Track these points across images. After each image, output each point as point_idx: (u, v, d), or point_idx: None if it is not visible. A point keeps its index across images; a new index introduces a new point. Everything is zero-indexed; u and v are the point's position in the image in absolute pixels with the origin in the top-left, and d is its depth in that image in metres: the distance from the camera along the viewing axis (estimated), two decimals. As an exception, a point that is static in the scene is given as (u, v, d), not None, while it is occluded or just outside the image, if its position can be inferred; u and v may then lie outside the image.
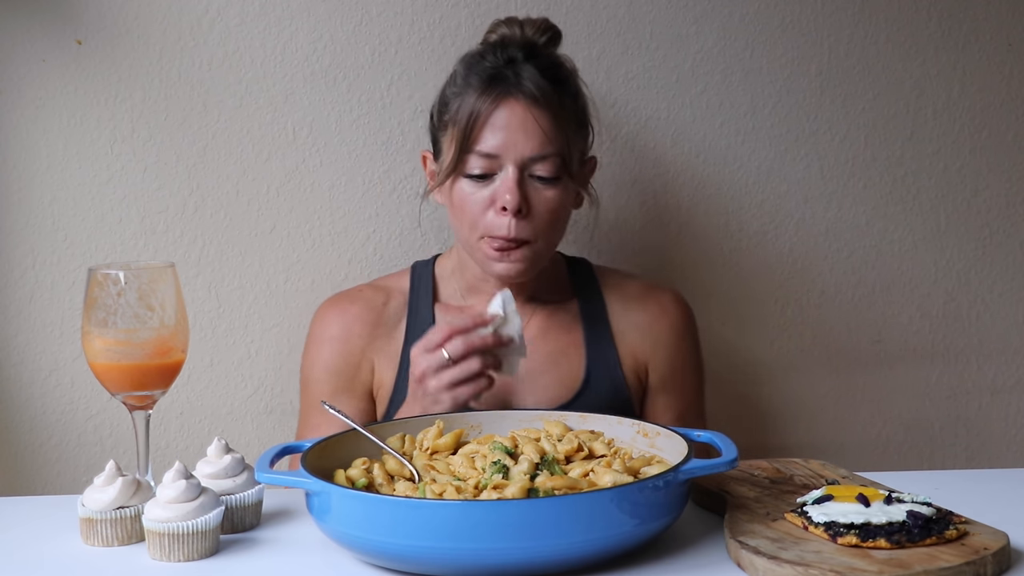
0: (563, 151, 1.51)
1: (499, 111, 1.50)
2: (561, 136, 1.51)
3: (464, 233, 1.54)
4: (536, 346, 1.59)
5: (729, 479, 1.29)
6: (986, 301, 1.98)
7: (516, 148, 1.49)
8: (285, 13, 1.79)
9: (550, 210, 1.52)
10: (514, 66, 1.53)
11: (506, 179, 1.49)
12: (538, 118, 1.50)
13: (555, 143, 1.50)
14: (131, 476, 1.20)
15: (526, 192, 1.50)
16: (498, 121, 1.50)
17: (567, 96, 1.55)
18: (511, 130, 1.49)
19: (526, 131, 1.49)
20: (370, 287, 1.67)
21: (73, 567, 1.14)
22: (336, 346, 1.62)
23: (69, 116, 1.76)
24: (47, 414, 1.79)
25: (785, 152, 1.92)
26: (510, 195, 1.49)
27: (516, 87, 1.51)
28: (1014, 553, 1.09)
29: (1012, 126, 1.96)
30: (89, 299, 1.23)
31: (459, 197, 1.53)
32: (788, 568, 1.02)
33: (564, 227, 1.58)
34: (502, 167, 1.50)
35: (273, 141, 1.81)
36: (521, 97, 1.50)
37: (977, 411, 2.00)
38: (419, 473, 1.22)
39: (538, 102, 1.50)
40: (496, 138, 1.50)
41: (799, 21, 1.90)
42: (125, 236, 1.79)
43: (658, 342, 1.63)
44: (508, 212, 1.49)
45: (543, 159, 1.50)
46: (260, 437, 1.82)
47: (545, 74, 1.53)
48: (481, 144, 1.50)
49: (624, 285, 1.67)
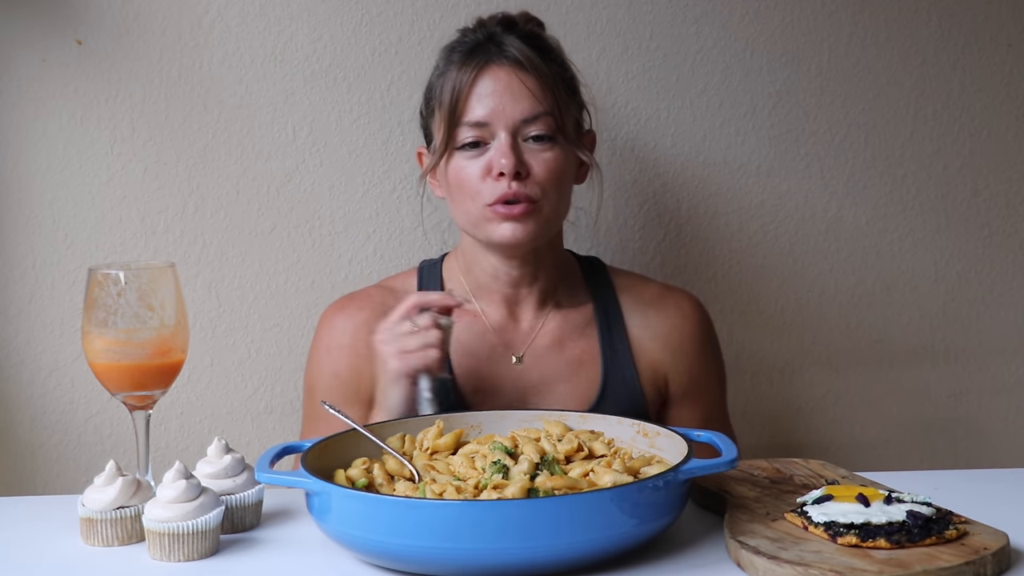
0: (554, 111, 1.49)
1: (483, 79, 1.49)
2: (550, 97, 1.49)
3: (467, 210, 1.51)
4: (551, 354, 1.57)
5: (729, 479, 1.29)
6: (986, 301, 1.98)
7: (505, 112, 1.47)
8: (285, 13, 1.79)
9: (550, 171, 1.48)
10: (494, 38, 1.52)
11: (499, 145, 1.47)
12: (524, 80, 1.48)
13: (545, 103, 1.48)
14: (131, 476, 1.20)
15: (522, 155, 1.48)
16: (484, 89, 1.48)
17: (552, 62, 1.53)
18: (498, 95, 1.48)
19: (513, 94, 1.48)
20: (377, 289, 1.64)
21: (73, 567, 1.14)
22: (344, 354, 1.58)
23: (69, 116, 1.76)
24: (47, 414, 1.79)
25: (785, 152, 1.92)
26: (505, 159, 1.46)
27: (498, 54, 1.49)
28: (1014, 553, 1.09)
29: (1012, 126, 1.96)
30: (89, 299, 1.23)
31: (455, 174, 1.50)
32: (788, 568, 1.02)
33: (568, 195, 1.54)
34: (494, 135, 1.48)
35: (273, 141, 1.81)
36: (504, 62, 1.49)
37: (977, 411, 2.00)
38: (419, 473, 1.22)
39: (522, 65, 1.48)
40: (484, 106, 1.48)
41: (799, 21, 1.90)
42: (125, 236, 1.79)
43: (678, 352, 1.60)
44: (506, 176, 1.46)
45: (535, 119, 1.48)
46: (260, 437, 1.82)
47: (527, 41, 1.51)
48: (469, 115, 1.48)
49: (640, 289, 1.63)
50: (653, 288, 1.64)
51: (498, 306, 1.58)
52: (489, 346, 1.57)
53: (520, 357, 1.57)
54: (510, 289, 1.57)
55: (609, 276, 1.64)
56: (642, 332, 1.59)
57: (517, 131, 1.48)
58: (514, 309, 1.59)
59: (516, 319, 1.59)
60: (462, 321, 1.47)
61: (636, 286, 1.63)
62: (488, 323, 1.58)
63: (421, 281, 1.62)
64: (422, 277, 1.63)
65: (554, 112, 1.49)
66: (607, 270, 1.65)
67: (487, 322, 1.58)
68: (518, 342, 1.58)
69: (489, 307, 1.58)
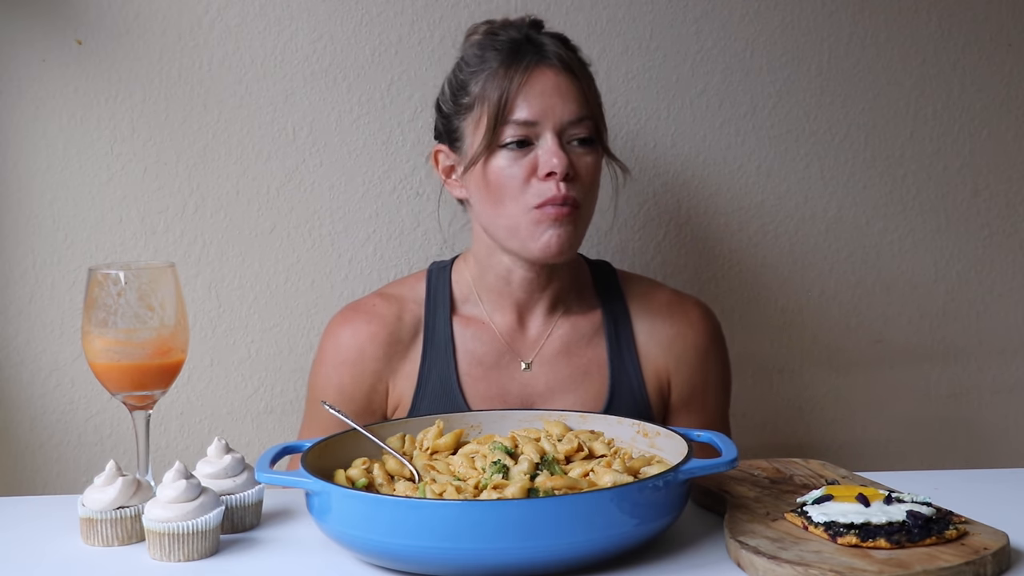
0: (596, 115, 1.50)
1: (532, 79, 1.47)
2: (593, 99, 1.51)
3: (508, 213, 1.47)
4: (559, 361, 1.56)
5: (729, 479, 1.29)
6: (986, 301, 1.98)
7: (555, 113, 1.46)
8: (285, 13, 1.79)
9: (591, 174, 1.49)
10: (532, 39, 1.51)
11: (548, 145, 1.46)
12: (572, 82, 1.48)
13: (588, 106, 1.49)
14: (131, 476, 1.20)
15: (569, 156, 1.47)
16: (533, 89, 1.47)
17: (586, 66, 1.54)
18: (547, 96, 1.47)
19: (562, 96, 1.47)
20: (383, 299, 1.59)
21: (73, 567, 1.14)
22: (350, 370, 1.56)
23: (69, 116, 1.76)
24: (47, 414, 1.79)
25: (785, 152, 1.92)
26: (557, 159, 1.44)
27: (542, 55, 1.49)
28: (1014, 553, 1.09)
29: (1012, 126, 1.96)
30: (89, 299, 1.23)
31: (496, 174, 1.47)
32: (788, 568, 1.02)
33: (596, 202, 1.54)
34: (540, 135, 1.46)
35: (273, 141, 1.81)
36: (552, 63, 1.49)
37: (977, 411, 2.00)
38: (419, 473, 1.22)
39: (568, 67, 1.49)
40: (533, 106, 1.46)
41: (799, 21, 1.90)
42: (125, 236, 1.79)
43: (681, 359, 1.58)
44: (556, 176, 1.44)
45: (580, 122, 1.47)
46: (260, 437, 1.82)
47: (564, 44, 1.52)
48: (517, 113, 1.46)
49: (650, 295, 1.61)
50: (663, 295, 1.62)
51: (507, 312, 1.57)
52: (497, 353, 1.56)
53: (529, 364, 1.56)
54: (522, 294, 1.56)
55: (619, 282, 1.62)
56: (649, 339, 1.58)
57: (563, 132, 1.47)
58: (523, 315, 1.57)
59: (524, 326, 1.57)
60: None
61: (646, 293, 1.61)
62: (496, 330, 1.57)
63: (430, 285, 1.60)
64: (431, 282, 1.60)
65: (596, 116, 1.50)
66: (617, 276, 1.63)
67: (495, 329, 1.57)
68: (526, 349, 1.57)
69: (497, 313, 1.57)
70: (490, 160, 1.47)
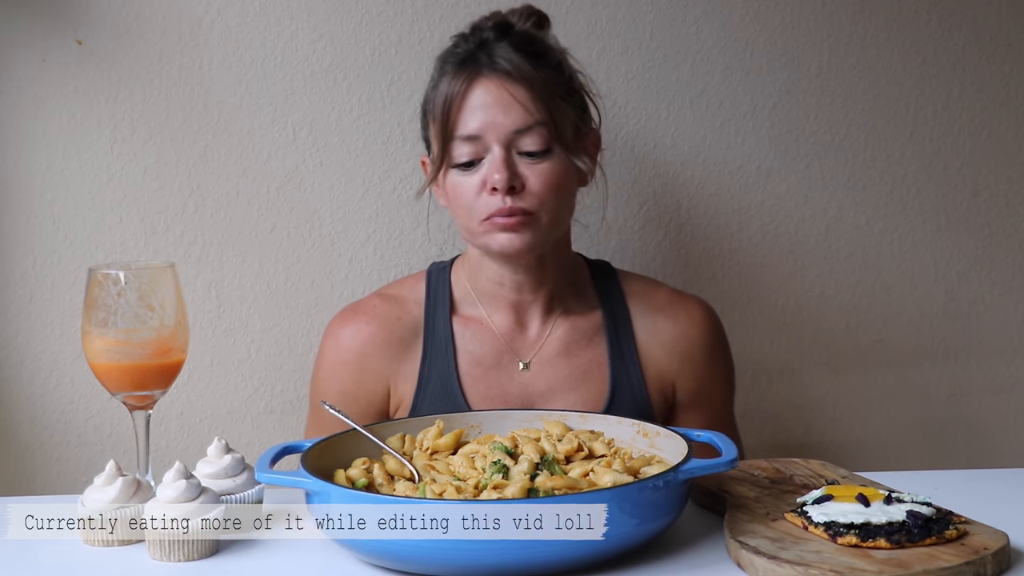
0: (548, 121, 1.46)
1: (473, 92, 1.47)
2: (543, 106, 1.46)
3: (465, 224, 1.50)
4: (559, 361, 1.55)
5: (729, 479, 1.29)
6: (986, 301, 1.98)
7: (496, 126, 1.46)
8: (285, 13, 1.79)
9: (546, 182, 1.46)
10: (486, 47, 1.49)
11: (493, 159, 1.46)
12: (514, 92, 1.46)
13: (537, 113, 1.46)
14: (131, 476, 1.20)
15: (515, 169, 1.46)
16: (474, 102, 1.47)
17: (546, 67, 1.50)
18: (488, 108, 1.46)
19: (504, 107, 1.46)
20: (382, 299, 1.60)
21: (73, 567, 1.14)
22: (350, 371, 1.57)
23: (69, 116, 1.76)
24: (47, 414, 1.79)
25: (785, 152, 1.92)
26: (498, 174, 1.44)
27: (488, 66, 1.47)
28: (1014, 553, 1.09)
29: (1012, 126, 1.96)
30: (89, 299, 1.23)
31: (451, 188, 1.49)
32: (788, 568, 1.02)
33: (570, 203, 1.52)
34: (488, 148, 1.46)
35: (273, 141, 1.81)
36: (493, 75, 1.47)
37: (977, 411, 2.00)
38: (419, 473, 1.22)
39: (512, 76, 1.46)
40: (475, 119, 1.46)
41: (799, 21, 1.90)
42: (125, 236, 1.79)
43: (685, 359, 1.58)
44: (500, 191, 1.45)
45: (527, 131, 1.46)
46: (260, 437, 1.82)
47: (520, 48, 1.49)
48: (461, 128, 1.47)
49: (650, 294, 1.60)
50: (663, 294, 1.62)
51: (505, 313, 1.57)
52: (496, 353, 1.56)
53: (527, 364, 1.56)
54: (515, 295, 1.56)
55: (619, 281, 1.61)
56: (650, 339, 1.57)
57: (511, 143, 1.46)
58: (521, 316, 1.57)
59: (523, 326, 1.57)
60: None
61: (646, 292, 1.61)
62: (495, 330, 1.57)
63: (429, 285, 1.60)
64: (430, 282, 1.60)
65: (547, 122, 1.47)
66: (617, 275, 1.63)
67: (494, 329, 1.57)
68: (525, 349, 1.57)
69: (495, 314, 1.57)
70: (447, 175, 1.50)
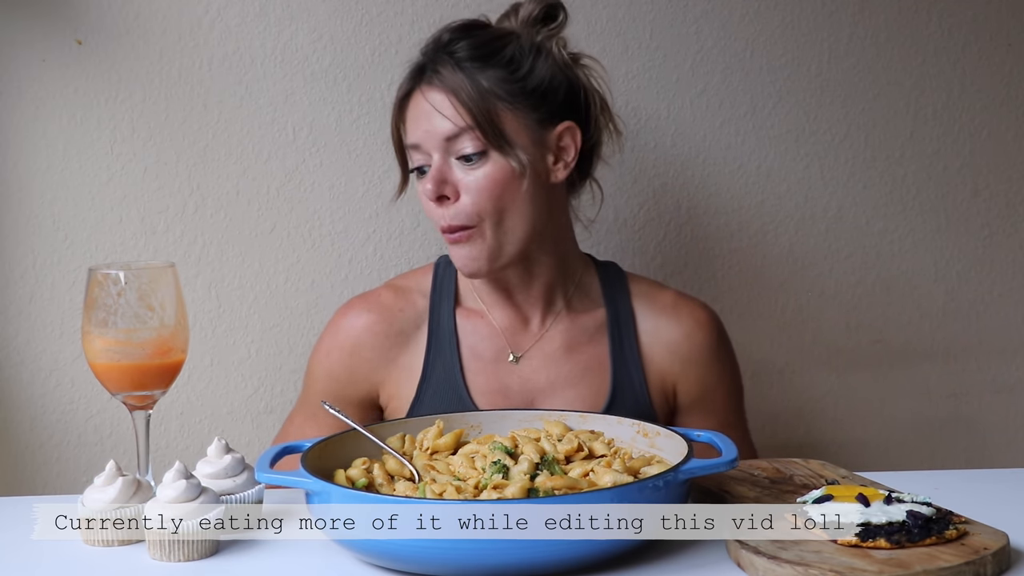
0: (477, 124, 1.44)
1: (412, 102, 1.49)
2: (469, 112, 1.44)
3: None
4: (560, 357, 1.55)
5: (729, 479, 1.29)
6: (986, 301, 1.98)
7: (429, 136, 1.47)
8: (285, 13, 1.79)
9: (480, 188, 1.44)
10: (431, 55, 1.49)
11: (431, 168, 1.47)
12: (439, 103, 1.46)
13: (462, 118, 1.44)
14: (131, 476, 1.20)
15: (446, 176, 1.45)
16: (410, 114, 1.49)
17: (492, 68, 1.47)
18: (422, 118, 1.47)
19: (429, 117, 1.47)
20: (389, 290, 1.61)
21: (73, 567, 1.14)
22: (342, 357, 1.58)
23: (69, 116, 1.76)
24: (47, 414, 1.79)
25: (785, 152, 1.92)
26: (429, 184, 1.46)
27: (421, 77, 1.49)
28: (1014, 553, 1.09)
29: (1012, 126, 1.96)
30: (89, 299, 1.23)
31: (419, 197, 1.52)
32: (788, 568, 1.02)
33: (524, 205, 1.47)
34: (431, 156, 1.47)
35: (273, 141, 1.81)
36: (423, 85, 1.48)
37: (977, 411, 2.00)
38: (419, 473, 1.22)
39: (434, 85, 1.47)
40: (413, 130, 1.49)
41: (799, 21, 1.90)
42: (125, 236, 1.79)
43: (687, 362, 1.57)
44: (432, 201, 1.47)
45: (457, 137, 1.45)
46: (260, 437, 1.82)
47: (467, 53, 1.47)
48: (407, 138, 1.50)
49: (654, 296, 1.60)
50: (668, 296, 1.61)
51: (504, 307, 1.58)
52: (496, 348, 1.56)
53: (518, 358, 1.56)
54: (509, 291, 1.57)
55: (626, 282, 1.61)
56: (653, 340, 1.57)
57: (447, 151, 1.46)
58: (521, 311, 1.58)
59: (524, 321, 1.58)
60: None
61: (651, 293, 1.61)
62: (495, 324, 1.57)
63: (436, 277, 1.61)
64: (437, 274, 1.61)
65: (477, 125, 1.44)
66: (626, 276, 1.62)
67: (495, 324, 1.57)
68: (524, 344, 1.57)
69: (495, 308, 1.58)
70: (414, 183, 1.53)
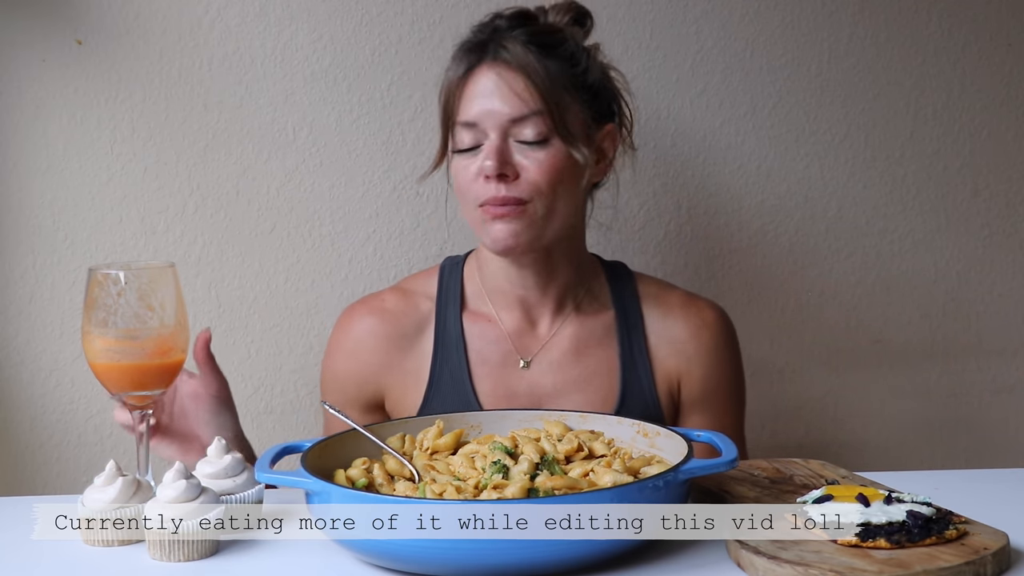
0: (548, 110, 1.45)
1: (473, 80, 1.47)
2: (540, 96, 1.45)
3: (466, 211, 1.50)
4: (568, 361, 1.54)
5: (729, 479, 1.29)
6: (986, 301, 1.98)
7: (493, 114, 1.45)
8: (285, 13, 1.79)
9: (543, 171, 1.45)
10: (496, 35, 1.49)
11: (488, 146, 1.45)
12: (513, 80, 1.45)
13: (535, 103, 1.45)
14: (131, 476, 1.20)
15: (508, 157, 1.45)
16: (473, 90, 1.47)
17: (555, 58, 1.48)
18: (485, 96, 1.46)
19: (501, 95, 1.45)
20: (394, 293, 1.60)
21: (73, 567, 1.14)
22: (344, 358, 1.57)
23: (69, 116, 1.76)
24: (47, 414, 1.79)
25: (785, 152, 1.92)
26: (490, 160, 1.44)
27: (491, 54, 1.47)
28: (1014, 553, 1.09)
29: (1012, 126, 1.96)
30: (89, 299, 1.23)
31: (455, 174, 1.49)
32: (788, 568, 1.02)
33: (571, 198, 1.49)
34: (486, 135, 1.46)
35: (273, 141, 1.81)
36: (494, 63, 1.47)
37: (977, 411, 2.00)
38: (419, 473, 1.22)
39: (511, 66, 1.46)
40: (473, 106, 1.46)
41: (799, 21, 1.90)
42: (125, 236, 1.79)
43: (692, 360, 1.56)
44: (491, 178, 1.44)
45: (524, 120, 1.45)
46: (260, 437, 1.82)
47: (532, 39, 1.48)
48: (461, 115, 1.47)
49: (663, 296, 1.59)
50: (676, 296, 1.60)
51: (513, 310, 1.56)
52: (503, 352, 1.55)
53: (528, 362, 1.54)
54: (523, 292, 1.55)
55: (635, 283, 1.60)
56: (660, 340, 1.56)
57: (507, 132, 1.46)
58: (530, 314, 1.56)
59: (533, 324, 1.56)
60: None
61: (660, 294, 1.59)
62: (503, 329, 1.56)
63: (441, 280, 1.59)
64: (442, 277, 1.60)
65: (545, 112, 1.45)
66: (634, 277, 1.61)
67: (502, 327, 1.56)
68: (532, 348, 1.55)
69: (504, 311, 1.56)
70: (451, 163, 1.51)
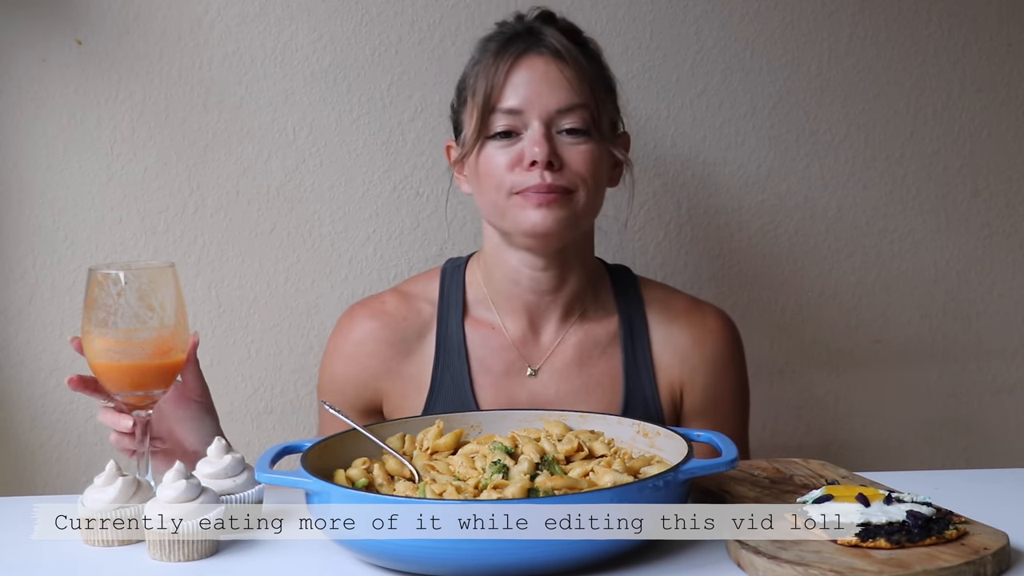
0: (591, 105, 1.45)
1: (520, 67, 1.45)
2: (587, 90, 1.45)
3: (493, 200, 1.45)
4: (572, 370, 1.52)
5: (729, 479, 1.29)
6: (986, 301, 1.98)
7: (541, 101, 1.43)
8: (285, 13, 1.79)
9: (585, 164, 1.43)
10: (533, 29, 1.48)
11: (532, 134, 1.43)
12: (562, 70, 1.44)
13: (581, 95, 1.44)
14: (131, 476, 1.20)
15: (556, 146, 1.43)
16: (520, 77, 1.45)
17: (591, 57, 1.49)
18: (534, 83, 1.44)
19: (550, 83, 1.44)
20: (395, 296, 1.57)
21: (73, 567, 1.14)
22: (343, 362, 1.55)
23: (69, 116, 1.76)
24: (47, 414, 1.79)
25: (785, 152, 1.92)
26: (539, 147, 1.41)
27: (537, 43, 1.46)
28: (1014, 553, 1.09)
29: (1012, 126, 1.96)
30: (89, 299, 1.23)
31: (484, 163, 1.45)
32: (788, 568, 1.02)
33: (602, 193, 1.49)
34: (527, 124, 1.44)
35: (273, 141, 1.81)
36: (543, 51, 1.46)
37: (977, 411, 2.00)
38: (419, 473, 1.22)
39: (560, 56, 1.45)
40: (519, 94, 1.44)
41: (799, 21, 1.90)
42: (125, 236, 1.79)
43: (697, 368, 1.54)
44: (539, 166, 1.41)
45: (570, 111, 1.44)
46: (260, 437, 1.82)
47: (566, 35, 1.48)
48: (504, 102, 1.44)
49: (668, 302, 1.57)
50: (682, 302, 1.58)
51: (518, 317, 1.53)
52: (507, 361, 1.53)
53: (536, 371, 1.53)
54: (532, 297, 1.52)
55: (639, 288, 1.58)
56: (664, 348, 1.54)
57: (551, 122, 1.44)
58: (536, 321, 1.53)
59: (537, 332, 1.54)
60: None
61: (665, 300, 1.58)
62: (507, 336, 1.53)
63: (443, 284, 1.57)
64: (444, 281, 1.57)
65: (590, 106, 1.45)
66: (638, 281, 1.59)
67: (506, 335, 1.53)
68: (537, 356, 1.53)
69: (508, 318, 1.53)
70: (482, 150, 1.46)
